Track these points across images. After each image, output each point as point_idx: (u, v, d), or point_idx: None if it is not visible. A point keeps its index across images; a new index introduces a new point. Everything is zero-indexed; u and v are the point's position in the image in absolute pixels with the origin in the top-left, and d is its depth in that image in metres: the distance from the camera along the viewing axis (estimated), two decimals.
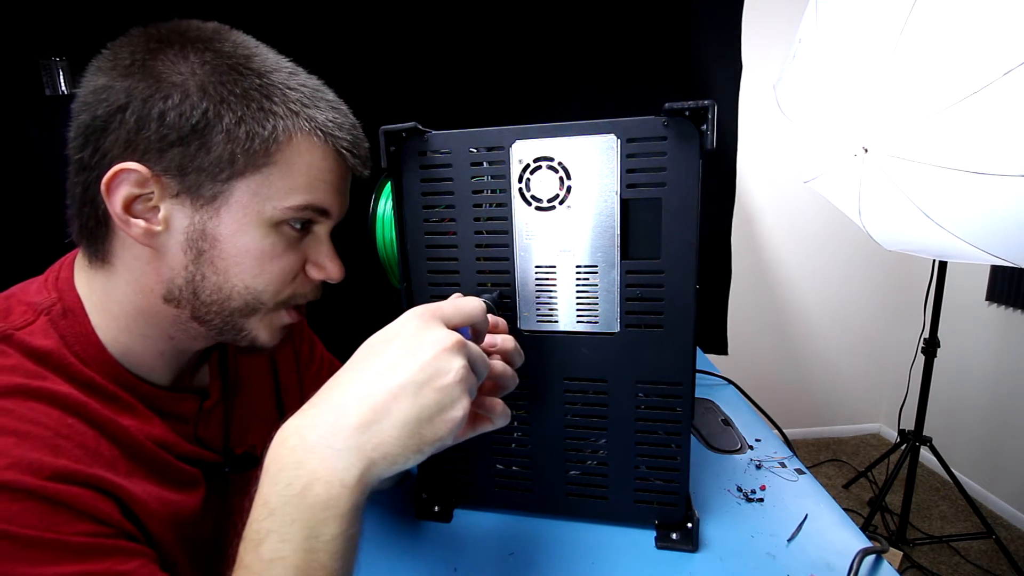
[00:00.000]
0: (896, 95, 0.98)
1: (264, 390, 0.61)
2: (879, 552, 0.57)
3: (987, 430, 2.05)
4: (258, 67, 0.40)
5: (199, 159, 0.38)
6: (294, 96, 0.41)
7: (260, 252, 0.42)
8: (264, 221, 0.41)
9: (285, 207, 0.41)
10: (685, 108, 0.49)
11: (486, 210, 0.56)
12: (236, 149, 0.38)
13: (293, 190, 0.41)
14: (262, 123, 0.39)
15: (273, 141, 0.39)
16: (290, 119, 0.40)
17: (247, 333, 0.45)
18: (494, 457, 0.64)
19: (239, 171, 0.39)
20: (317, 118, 0.41)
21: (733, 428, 0.86)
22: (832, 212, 1.46)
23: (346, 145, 0.43)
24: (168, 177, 0.38)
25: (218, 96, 0.38)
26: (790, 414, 2.46)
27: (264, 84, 0.40)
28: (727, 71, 1.48)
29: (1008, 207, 0.90)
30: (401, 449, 0.33)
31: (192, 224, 0.40)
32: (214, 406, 0.52)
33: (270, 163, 0.40)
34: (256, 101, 0.39)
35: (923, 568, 1.73)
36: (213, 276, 0.41)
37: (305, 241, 0.45)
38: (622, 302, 0.55)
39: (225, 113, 0.38)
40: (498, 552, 0.60)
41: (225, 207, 0.40)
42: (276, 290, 0.44)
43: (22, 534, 0.31)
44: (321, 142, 0.42)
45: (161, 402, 0.45)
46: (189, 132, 0.38)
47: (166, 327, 0.44)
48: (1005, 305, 1.97)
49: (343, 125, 0.43)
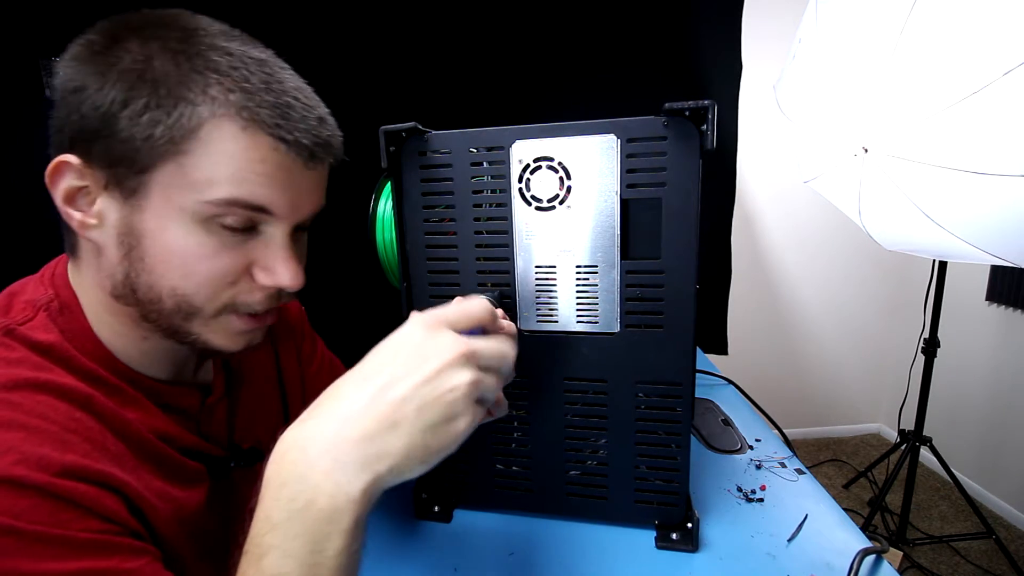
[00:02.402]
0: (896, 95, 0.98)
1: (268, 385, 0.60)
2: (879, 552, 0.57)
3: (987, 430, 2.05)
4: (194, 49, 0.37)
5: (114, 148, 0.36)
6: (226, 82, 0.37)
7: (184, 251, 0.38)
8: (187, 216, 0.38)
9: (204, 201, 0.37)
10: (685, 108, 0.49)
11: (486, 210, 0.56)
12: (142, 136, 0.36)
13: (212, 182, 0.37)
14: (168, 109, 0.36)
15: (181, 128, 0.36)
16: (206, 104, 0.36)
17: (194, 337, 0.42)
18: (494, 457, 0.64)
19: (150, 161, 0.36)
20: (247, 104, 0.37)
21: (733, 428, 0.86)
22: (832, 212, 1.46)
23: (289, 135, 0.38)
24: (98, 169, 0.37)
25: (128, 83, 0.36)
26: (790, 414, 2.45)
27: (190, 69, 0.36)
28: (727, 71, 1.48)
29: (1008, 207, 0.90)
30: (406, 461, 0.33)
31: (120, 217, 0.38)
32: (218, 401, 0.52)
33: (181, 151, 0.36)
34: (166, 86, 0.36)
35: (923, 568, 1.73)
36: (144, 274, 0.39)
37: (250, 243, 0.41)
38: (622, 302, 0.55)
39: (133, 100, 0.35)
40: (498, 552, 0.60)
41: (146, 200, 0.37)
42: (209, 294, 0.40)
43: (30, 530, 0.31)
44: (251, 130, 0.37)
45: (164, 396, 0.45)
46: (99, 120, 0.36)
47: (133, 327, 0.42)
48: (1005, 305, 1.97)
49: (291, 114, 0.38)
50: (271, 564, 0.29)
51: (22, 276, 0.45)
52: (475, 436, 0.64)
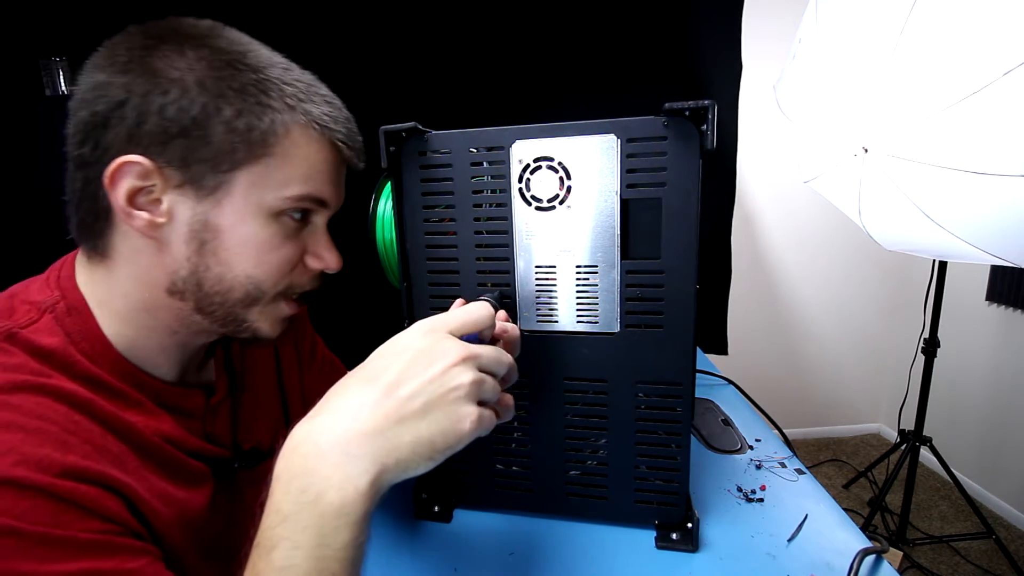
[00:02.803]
0: (896, 95, 0.98)
1: (269, 386, 0.61)
2: (879, 552, 0.57)
3: (987, 430, 2.05)
4: (253, 63, 0.41)
5: (200, 150, 0.39)
6: (290, 91, 0.42)
7: (260, 242, 0.42)
8: (264, 211, 0.42)
9: (284, 197, 0.42)
10: (685, 108, 0.49)
11: (486, 210, 0.56)
12: (236, 140, 0.39)
13: (291, 180, 0.42)
14: (260, 116, 0.40)
15: (271, 133, 0.41)
16: (287, 113, 0.41)
17: (248, 324, 0.46)
18: (494, 457, 0.64)
19: (239, 162, 0.40)
20: (313, 112, 0.42)
21: (733, 428, 0.86)
22: (832, 212, 1.46)
23: (341, 138, 0.44)
24: (171, 169, 0.39)
25: (216, 90, 0.39)
26: (790, 414, 2.45)
27: (260, 79, 0.41)
28: (727, 71, 1.48)
29: (1008, 207, 0.90)
30: (413, 457, 0.34)
31: (195, 215, 0.40)
32: (221, 401, 0.52)
33: (268, 154, 0.41)
34: (253, 95, 0.40)
35: (923, 568, 1.73)
36: (216, 267, 0.42)
37: (304, 232, 0.46)
38: (622, 302, 0.55)
39: (224, 106, 0.39)
40: (498, 552, 0.60)
41: (227, 198, 0.41)
42: (276, 280, 0.45)
43: (31, 531, 0.31)
44: (317, 135, 0.43)
45: (168, 397, 0.46)
46: (190, 124, 0.38)
47: (169, 321, 0.44)
48: (1005, 305, 1.97)
49: (338, 119, 0.45)
50: (281, 556, 0.30)
51: (23, 276, 0.45)
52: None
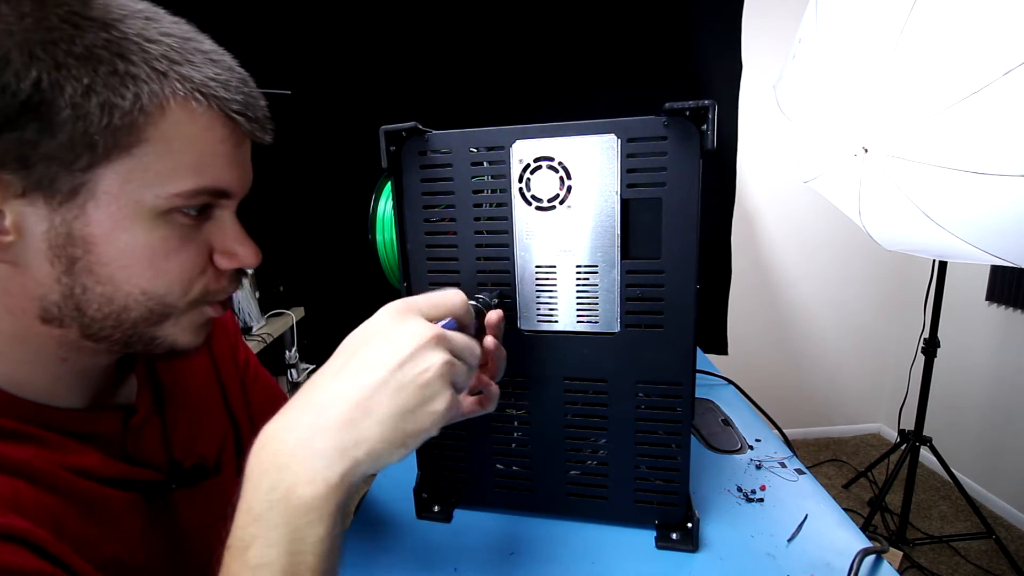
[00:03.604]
0: (896, 95, 0.98)
1: (210, 396, 0.55)
2: (879, 552, 0.57)
3: (987, 430, 2.05)
4: (100, 15, 0.31)
5: (43, 145, 0.30)
6: (157, 51, 0.32)
7: (150, 250, 0.34)
8: (146, 213, 0.33)
9: (171, 194, 0.34)
10: (685, 108, 0.49)
11: (486, 210, 0.56)
12: (91, 128, 0.30)
13: (177, 171, 0.33)
14: (119, 91, 0.31)
15: (139, 112, 0.31)
16: (157, 81, 0.32)
17: (160, 340, 0.39)
18: (494, 457, 0.64)
19: (101, 155, 0.31)
20: (194, 77, 0.33)
21: (733, 428, 0.86)
22: (832, 212, 1.46)
23: (237, 107, 0.35)
24: (7, 173, 0.30)
25: (52, 59, 0.29)
26: (790, 414, 2.45)
27: (114, 39, 0.31)
28: (727, 71, 1.48)
29: (1008, 207, 0.90)
30: (384, 445, 0.32)
31: (52, 227, 0.32)
32: (145, 420, 0.45)
33: (140, 140, 0.32)
34: (107, 62, 0.30)
35: (923, 568, 1.73)
36: (97, 287, 0.34)
37: (205, 228, 0.38)
38: (622, 302, 0.55)
39: (66, 82, 0.29)
40: (498, 552, 0.60)
41: (92, 202, 0.32)
42: (183, 289, 0.37)
43: None
44: (204, 107, 0.34)
45: (77, 425, 0.39)
46: (19, 111, 0.29)
47: (53, 350, 0.37)
48: (1005, 305, 1.97)
49: (229, 82, 0.35)
50: (255, 555, 0.29)
51: None
52: (475, 436, 0.64)
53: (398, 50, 1.41)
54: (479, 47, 1.43)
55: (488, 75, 1.44)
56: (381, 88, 1.44)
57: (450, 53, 1.42)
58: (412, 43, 1.41)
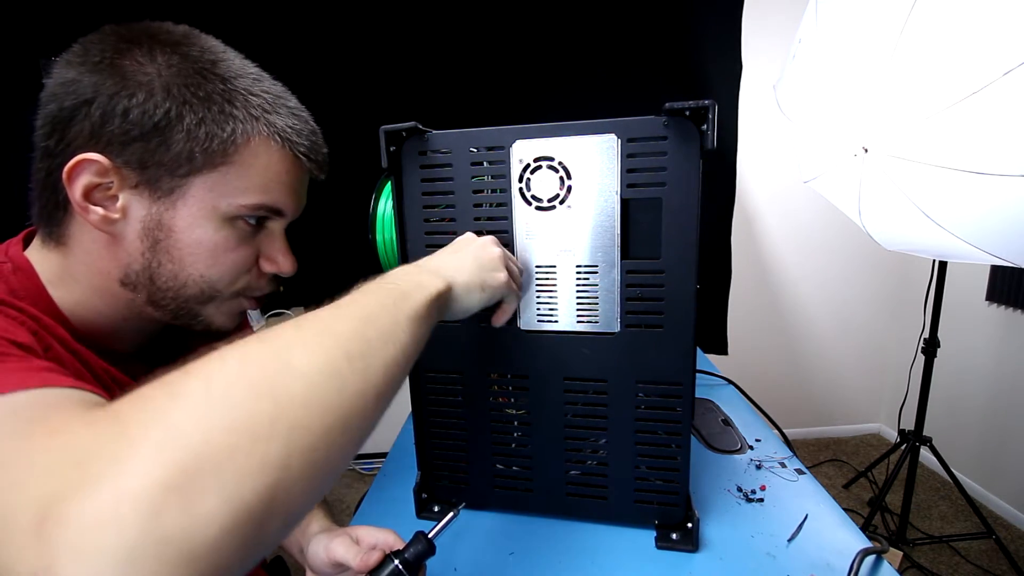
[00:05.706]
0: (896, 95, 0.98)
1: None
2: (879, 552, 0.57)
3: (987, 430, 2.05)
4: (223, 72, 0.42)
5: (159, 154, 0.40)
6: (256, 102, 0.43)
7: (214, 244, 0.44)
8: (218, 216, 0.43)
9: (240, 204, 0.43)
10: (685, 108, 0.49)
11: (486, 210, 0.56)
12: (195, 147, 0.41)
13: (248, 189, 0.43)
14: (221, 125, 0.41)
15: (231, 143, 0.42)
16: (250, 123, 0.42)
17: (203, 319, 0.48)
18: (494, 457, 0.64)
19: (197, 168, 0.41)
20: (277, 123, 0.44)
21: (733, 428, 0.86)
22: (832, 212, 1.46)
23: (303, 150, 0.46)
24: (128, 169, 0.40)
25: (181, 97, 0.40)
26: (790, 414, 2.45)
27: (228, 89, 0.42)
28: (727, 71, 1.48)
29: (1008, 207, 0.90)
30: (471, 278, 0.47)
31: (149, 214, 0.42)
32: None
33: (227, 163, 0.42)
34: (218, 104, 0.41)
35: (923, 568, 1.73)
36: (169, 264, 0.43)
37: (259, 236, 0.47)
38: (622, 302, 0.55)
39: (187, 114, 0.40)
40: (498, 552, 0.60)
41: (181, 200, 0.42)
42: (231, 280, 0.46)
43: None
44: (279, 146, 0.44)
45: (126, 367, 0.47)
46: (151, 129, 0.40)
47: (119, 309, 0.46)
48: (1005, 305, 1.97)
49: (302, 131, 0.46)
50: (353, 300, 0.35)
51: None
52: (475, 436, 0.64)
53: (398, 50, 1.41)
54: (479, 47, 1.43)
55: (488, 75, 1.44)
56: (381, 88, 1.44)
57: (450, 53, 1.42)
58: (412, 43, 1.41)
